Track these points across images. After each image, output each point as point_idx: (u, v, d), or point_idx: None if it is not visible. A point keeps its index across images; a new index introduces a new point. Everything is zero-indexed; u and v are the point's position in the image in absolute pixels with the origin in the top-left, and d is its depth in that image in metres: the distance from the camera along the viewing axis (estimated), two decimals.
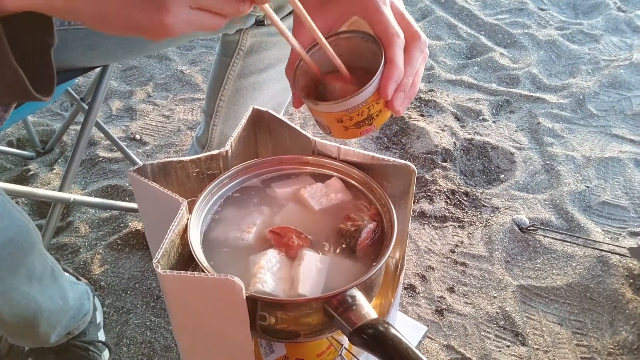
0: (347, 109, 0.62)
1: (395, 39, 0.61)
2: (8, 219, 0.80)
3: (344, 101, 0.61)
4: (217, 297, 0.58)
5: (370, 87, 0.61)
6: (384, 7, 0.62)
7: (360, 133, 0.66)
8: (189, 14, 0.43)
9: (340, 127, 0.65)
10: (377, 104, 0.63)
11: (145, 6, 0.41)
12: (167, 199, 0.67)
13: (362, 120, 0.64)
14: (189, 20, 0.43)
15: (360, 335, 0.57)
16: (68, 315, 1.03)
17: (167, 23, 0.42)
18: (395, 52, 0.61)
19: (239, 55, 1.06)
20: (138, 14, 0.41)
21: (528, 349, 1.21)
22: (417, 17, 2.58)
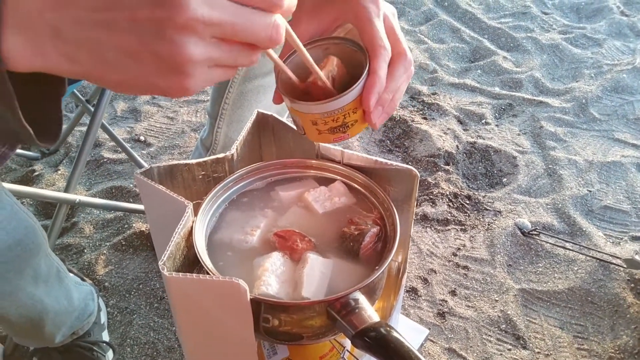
0: (323, 112, 0.62)
1: (381, 51, 0.61)
2: (15, 220, 0.81)
3: (320, 104, 0.61)
4: (222, 299, 0.58)
5: (349, 95, 0.61)
6: (376, 18, 0.62)
7: (333, 139, 0.66)
8: (207, 73, 0.42)
9: (314, 130, 0.65)
10: (354, 113, 0.63)
11: (166, 73, 0.40)
12: (173, 201, 0.67)
13: (336, 127, 0.64)
14: (207, 79, 0.43)
15: (362, 338, 0.57)
16: (73, 316, 1.04)
17: (188, 87, 0.42)
18: (379, 64, 0.61)
19: None
20: (159, 81, 0.41)
21: (529, 352, 1.21)
22: (420, 20, 2.59)
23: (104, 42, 0.39)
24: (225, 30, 0.40)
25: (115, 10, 0.38)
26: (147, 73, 0.40)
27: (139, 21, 0.38)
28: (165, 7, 0.37)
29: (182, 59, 0.39)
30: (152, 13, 0.37)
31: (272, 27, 0.43)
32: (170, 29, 0.38)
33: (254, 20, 0.42)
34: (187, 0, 0.37)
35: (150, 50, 0.39)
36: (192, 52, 0.39)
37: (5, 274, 0.82)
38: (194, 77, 0.41)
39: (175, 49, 0.39)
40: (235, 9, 0.40)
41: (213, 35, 0.40)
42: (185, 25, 0.38)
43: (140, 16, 0.37)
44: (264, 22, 0.42)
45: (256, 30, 0.42)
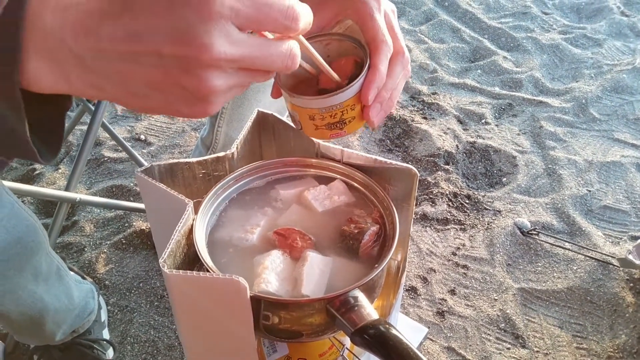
0: (321, 107, 0.62)
1: (383, 46, 0.62)
2: (16, 218, 0.82)
3: (319, 99, 0.61)
4: (222, 297, 0.59)
5: (348, 91, 0.61)
6: (377, 14, 0.63)
7: (329, 135, 0.66)
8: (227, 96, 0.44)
9: (311, 125, 0.65)
10: (352, 110, 0.63)
11: (190, 103, 0.42)
12: (174, 200, 0.68)
13: (333, 123, 0.64)
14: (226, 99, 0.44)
15: (361, 336, 0.58)
16: (73, 314, 1.04)
17: (210, 112, 0.43)
18: (381, 59, 0.62)
19: None
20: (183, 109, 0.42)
21: (528, 351, 1.22)
22: (421, 20, 2.59)
23: (129, 75, 0.40)
24: (245, 62, 0.42)
25: (139, 43, 0.38)
26: (172, 102, 0.42)
27: (164, 56, 0.38)
28: (191, 46, 0.38)
29: (208, 91, 0.41)
30: (177, 50, 0.38)
31: (288, 56, 0.44)
32: (196, 66, 0.39)
33: (271, 51, 0.43)
34: (212, 40, 0.38)
35: (175, 84, 0.40)
36: (216, 84, 0.41)
37: (6, 272, 0.82)
38: (216, 104, 0.43)
39: (201, 83, 0.40)
40: (253, 42, 0.42)
41: (234, 67, 0.42)
42: (210, 63, 0.39)
43: (165, 52, 0.38)
44: (280, 52, 0.44)
45: (273, 60, 0.44)
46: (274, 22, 0.42)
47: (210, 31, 0.38)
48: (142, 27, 0.38)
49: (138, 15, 0.38)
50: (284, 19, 0.42)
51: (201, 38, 0.38)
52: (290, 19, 0.43)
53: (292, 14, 0.43)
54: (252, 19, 0.40)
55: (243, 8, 0.39)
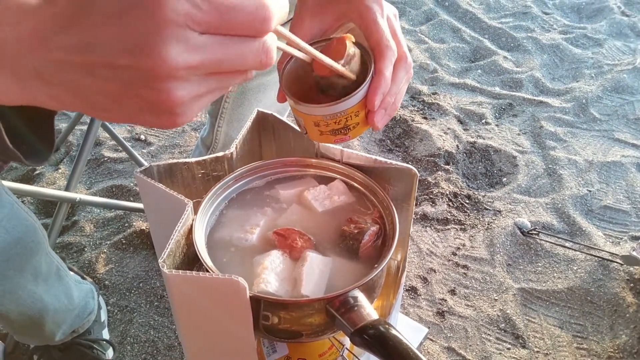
0: (325, 115, 0.62)
1: (387, 51, 0.62)
2: (16, 219, 0.82)
3: (323, 107, 0.61)
4: (222, 297, 0.59)
5: (352, 98, 0.61)
6: (381, 19, 0.62)
7: (334, 140, 0.67)
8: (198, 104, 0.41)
9: (316, 131, 0.66)
10: (356, 116, 0.63)
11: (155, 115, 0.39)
12: (173, 200, 0.68)
13: (338, 129, 0.64)
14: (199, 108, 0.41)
15: (361, 336, 0.58)
16: (73, 314, 1.04)
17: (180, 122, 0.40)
18: (386, 64, 0.61)
19: None
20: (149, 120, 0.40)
21: (528, 351, 1.22)
22: (421, 20, 2.59)
23: (87, 87, 0.37)
24: (211, 67, 0.39)
25: (92, 54, 0.36)
26: (136, 114, 0.39)
27: (119, 69, 0.36)
28: (145, 57, 0.35)
29: (172, 103, 0.38)
30: (131, 62, 0.35)
31: (262, 52, 0.40)
32: (153, 79, 0.36)
33: (241, 50, 0.39)
34: (166, 50, 0.35)
35: (135, 96, 0.37)
36: (180, 96, 0.38)
37: (6, 272, 0.82)
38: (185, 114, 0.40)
39: (162, 96, 0.37)
40: (219, 44, 0.38)
41: (198, 74, 0.39)
42: (168, 75, 0.36)
43: (119, 64, 0.36)
44: (252, 49, 0.40)
45: (244, 59, 0.40)
46: (242, 26, 0.38)
47: (164, 40, 0.35)
48: (94, 37, 0.36)
49: (90, 24, 0.36)
50: (252, 22, 0.38)
51: (154, 48, 0.35)
52: (261, 21, 0.39)
53: (262, 15, 0.39)
54: (214, 25, 0.37)
55: (200, 14, 0.36)
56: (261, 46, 0.40)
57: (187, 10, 0.36)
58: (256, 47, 0.40)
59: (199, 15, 0.36)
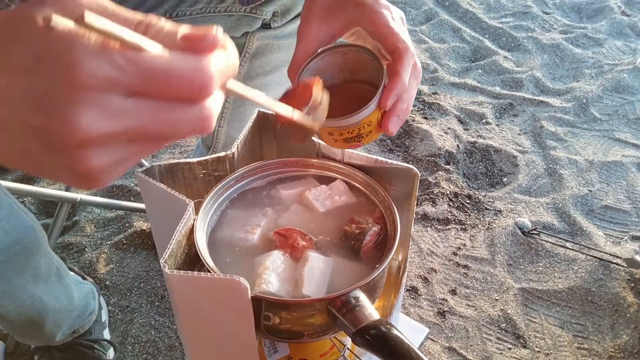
0: (339, 126, 0.64)
1: (406, 54, 0.62)
2: (15, 219, 0.82)
3: (336, 120, 0.63)
4: (223, 297, 0.59)
5: (364, 111, 0.62)
6: (392, 22, 0.62)
7: (348, 146, 0.68)
8: (122, 166, 0.36)
9: (330, 138, 0.68)
10: (369, 125, 0.65)
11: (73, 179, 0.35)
12: (174, 200, 0.68)
13: (351, 137, 0.66)
14: (123, 170, 0.36)
15: (363, 336, 0.58)
16: (73, 314, 1.04)
17: (99, 185, 0.36)
18: (404, 66, 0.61)
19: (245, 58, 1.08)
20: (69, 181, 0.35)
21: (529, 351, 1.22)
22: (421, 19, 2.59)
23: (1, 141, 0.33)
24: (135, 134, 0.34)
25: (6, 110, 0.32)
26: (54, 174, 0.35)
27: (32, 128, 0.32)
28: (55, 121, 0.31)
29: (87, 170, 0.33)
30: (42, 123, 0.31)
31: (199, 119, 0.35)
32: (67, 145, 0.32)
33: (173, 116, 0.34)
34: (78, 117, 0.31)
35: (51, 159, 0.33)
36: (95, 164, 0.33)
37: (5, 273, 0.82)
38: (104, 179, 0.35)
39: (77, 163, 0.33)
40: (146, 109, 0.33)
41: (120, 141, 0.34)
42: (81, 143, 0.32)
43: (32, 123, 0.31)
44: (187, 116, 0.35)
45: (177, 127, 0.35)
46: (176, 91, 0.33)
47: (77, 104, 0.31)
48: (7, 90, 0.31)
49: (5, 73, 0.31)
50: (189, 88, 0.34)
51: (65, 112, 0.31)
52: (198, 88, 0.34)
53: (199, 81, 0.33)
54: (142, 89, 0.33)
55: (125, 78, 0.32)
56: (199, 112, 0.35)
57: (108, 74, 0.31)
58: (192, 113, 0.35)
59: (124, 79, 0.32)
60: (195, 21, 0.98)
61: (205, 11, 0.97)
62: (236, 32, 1.04)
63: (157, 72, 0.32)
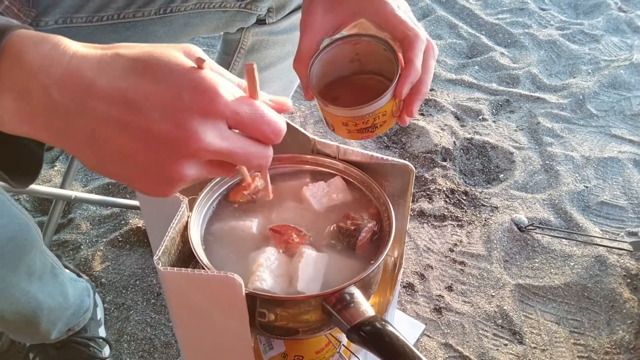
0: (354, 116, 0.65)
1: (417, 40, 0.62)
2: (8, 216, 0.81)
3: (352, 109, 0.63)
4: (217, 294, 0.58)
5: (380, 100, 0.62)
6: (398, 10, 0.62)
7: (361, 137, 0.70)
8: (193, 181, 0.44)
9: (344, 129, 0.69)
10: (384, 115, 0.65)
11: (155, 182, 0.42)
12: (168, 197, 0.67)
13: (365, 128, 0.67)
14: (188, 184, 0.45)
15: (358, 333, 0.57)
16: (68, 312, 1.04)
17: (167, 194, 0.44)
18: (416, 53, 0.62)
19: (240, 54, 1.07)
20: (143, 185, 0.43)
21: (525, 347, 1.22)
22: (417, 16, 2.58)
23: (107, 138, 0.40)
24: (227, 156, 0.43)
25: (135, 114, 0.39)
26: (137, 176, 0.42)
27: (153, 134, 0.39)
28: (183, 131, 0.39)
29: (179, 177, 0.42)
30: (169, 132, 0.39)
31: (265, 157, 0.47)
32: (180, 152, 0.40)
33: (252, 151, 0.45)
34: (205, 133, 0.40)
35: (152, 162, 0.41)
36: (188, 173, 0.42)
37: None
38: (176, 189, 0.44)
39: (177, 169, 0.41)
40: (240, 141, 0.44)
41: (215, 160, 0.44)
42: (195, 153, 0.40)
43: (156, 130, 0.39)
44: (259, 153, 0.46)
45: (250, 160, 0.45)
46: (261, 132, 0.45)
47: (206, 124, 0.40)
48: (143, 99, 0.39)
49: (144, 86, 0.39)
50: (270, 132, 0.45)
51: (196, 128, 0.39)
52: (275, 133, 0.46)
53: (278, 129, 0.46)
54: (245, 124, 0.43)
55: (242, 113, 0.42)
56: (267, 152, 0.47)
57: (234, 109, 0.42)
58: (263, 152, 0.46)
59: (240, 115, 0.42)
60: (190, 18, 0.97)
61: (199, 7, 0.97)
62: (231, 27, 1.03)
63: (260, 116, 0.44)
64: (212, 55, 2.38)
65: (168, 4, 0.94)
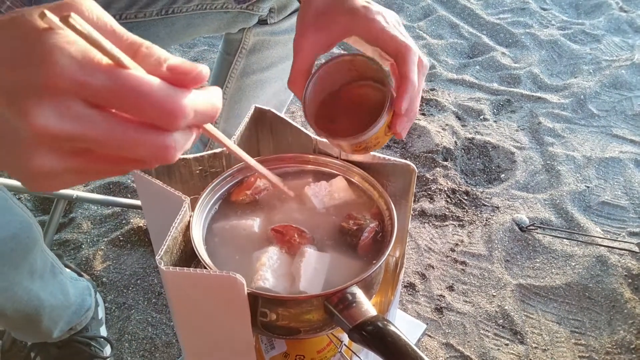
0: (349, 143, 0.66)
1: (409, 54, 0.61)
2: (10, 214, 0.81)
3: (346, 140, 0.65)
4: (219, 294, 0.58)
5: (374, 129, 0.63)
6: (388, 25, 0.62)
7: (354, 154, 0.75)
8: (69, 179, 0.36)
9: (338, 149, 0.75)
10: (377, 139, 0.66)
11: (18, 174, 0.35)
12: (171, 196, 0.67)
13: (360, 149, 0.68)
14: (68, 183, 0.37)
15: (359, 332, 0.57)
16: (70, 311, 1.04)
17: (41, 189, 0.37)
18: (410, 67, 0.61)
19: (241, 54, 1.07)
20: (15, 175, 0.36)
21: (526, 347, 1.22)
22: (419, 15, 2.58)
23: None
24: (88, 144, 0.34)
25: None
26: (4, 165, 0.36)
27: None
28: (15, 114, 0.32)
29: (32, 169, 0.34)
30: (2, 116, 0.33)
31: (159, 147, 0.35)
32: (20, 139, 0.33)
33: (132, 137, 0.34)
34: (38, 113, 0.32)
35: (4, 151, 0.34)
36: (40, 164, 0.34)
37: (1, 269, 0.82)
38: (48, 183, 0.36)
39: (25, 159, 0.34)
40: (106, 123, 0.33)
41: (73, 147, 0.34)
42: (34, 139, 0.33)
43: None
44: (147, 140, 0.35)
45: (134, 149, 0.35)
46: (143, 113, 0.34)
47: (40, 101, 0.32)
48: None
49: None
50: (157, 114, 0.34)
51: (28, 109, 0.31)
52: (165, 115, 0.34)
53: (167, 109, 0.34)
54: (107, 100, 0.33)
55: (94, 86, 0.32)
56: (162, 140, 0.35)
57: (76, 77, 0.32)
58: (156, 140, 0.35)
59: (92, 87, 0.32)
60: (192, 19, 0.97)
61: (201, 8, 0.97)
62: (232, 28, 1.03)
63: (128, 88, 0.33)
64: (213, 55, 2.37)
65: (170, 4, 0.94)
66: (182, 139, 0.36)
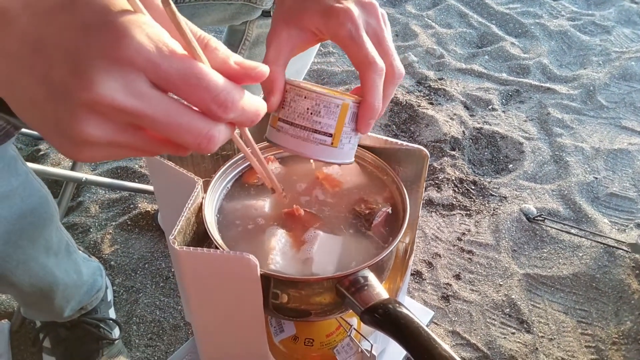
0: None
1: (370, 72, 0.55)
2: (30, 188, 0.82)
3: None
4: (232, 274, 0.59)
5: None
6: (356, 32, 0.55)
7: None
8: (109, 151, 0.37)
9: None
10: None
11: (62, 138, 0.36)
12: (183, 178, 0.67)
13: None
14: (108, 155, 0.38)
15: (372, 315, 0.57)
16: (82, 290, 1.05)
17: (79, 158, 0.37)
18: (369, 88, 0.55)
19: (245, 46, 1.07)
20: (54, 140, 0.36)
21: (533, 336, 1.22)
22: (428, 4, 2.57)
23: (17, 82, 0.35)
24: (141, 120, 0.35)
25: (38, 54, 0.33)
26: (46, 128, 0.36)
27: (52, 79, 0.33)
28: (77, 78, 0.33)
29: (78, 134, 0.35)
30: (64, 77, 0.33)
31: (204, 135, 0.37)
32: (75, 102, 0.33)
33: (185, 122, 0.36)
34: (102, 81, 0.33)
35: (52, 112, 0.34)
36: (90, 132, 0.34)
37: (19, 242, 0.82)
38: (88, 154, 0.37)
39: (74, 124, 0.34)
40: (163, 104, 0.35)
41: (127, 121, 0.36)
42: (90, 105, 0.33)
43: (54, 74, 0.33)
44: (195, 128, 0.37)
45: (182, 133, 0.36)
46: (200, 98, 0.36)
47: (110, 73, 0.33)
48: (52, 36, 0.33)
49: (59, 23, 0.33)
50: (211, 100, 0.36)
51: (93, 76, 0.32)
52: (220, 104, 0.36)
53: (221, 100, 0.36)
54: (175, 84, 0.35)
55: (167, 69, 0.34)
56: (208, 129, 0.37)
57: (151, 57, 0.34)
58: (203, 126, 0.37)
59: (164, 70, 0.34)
60: (196, 9, 0.97)
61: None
62: (236, 20, 1.03)
63: (192, 74, 0.35)
64: None
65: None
66: (222, 133, 0.38)
